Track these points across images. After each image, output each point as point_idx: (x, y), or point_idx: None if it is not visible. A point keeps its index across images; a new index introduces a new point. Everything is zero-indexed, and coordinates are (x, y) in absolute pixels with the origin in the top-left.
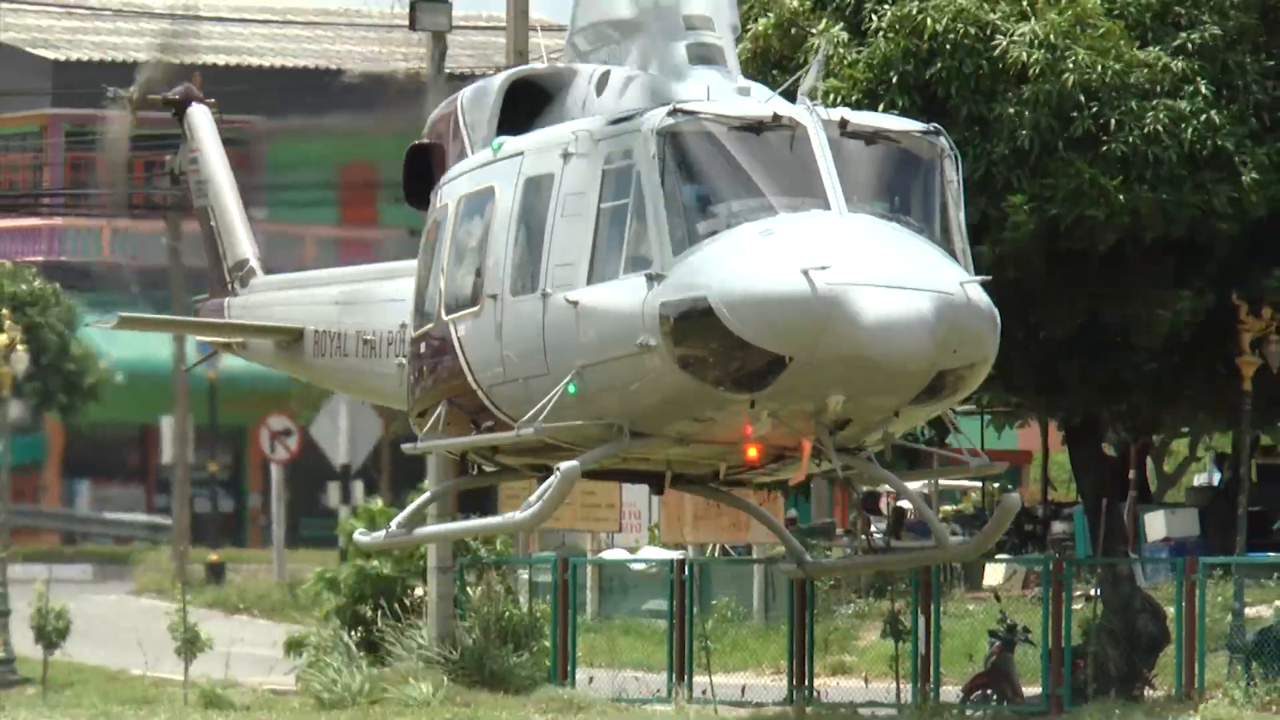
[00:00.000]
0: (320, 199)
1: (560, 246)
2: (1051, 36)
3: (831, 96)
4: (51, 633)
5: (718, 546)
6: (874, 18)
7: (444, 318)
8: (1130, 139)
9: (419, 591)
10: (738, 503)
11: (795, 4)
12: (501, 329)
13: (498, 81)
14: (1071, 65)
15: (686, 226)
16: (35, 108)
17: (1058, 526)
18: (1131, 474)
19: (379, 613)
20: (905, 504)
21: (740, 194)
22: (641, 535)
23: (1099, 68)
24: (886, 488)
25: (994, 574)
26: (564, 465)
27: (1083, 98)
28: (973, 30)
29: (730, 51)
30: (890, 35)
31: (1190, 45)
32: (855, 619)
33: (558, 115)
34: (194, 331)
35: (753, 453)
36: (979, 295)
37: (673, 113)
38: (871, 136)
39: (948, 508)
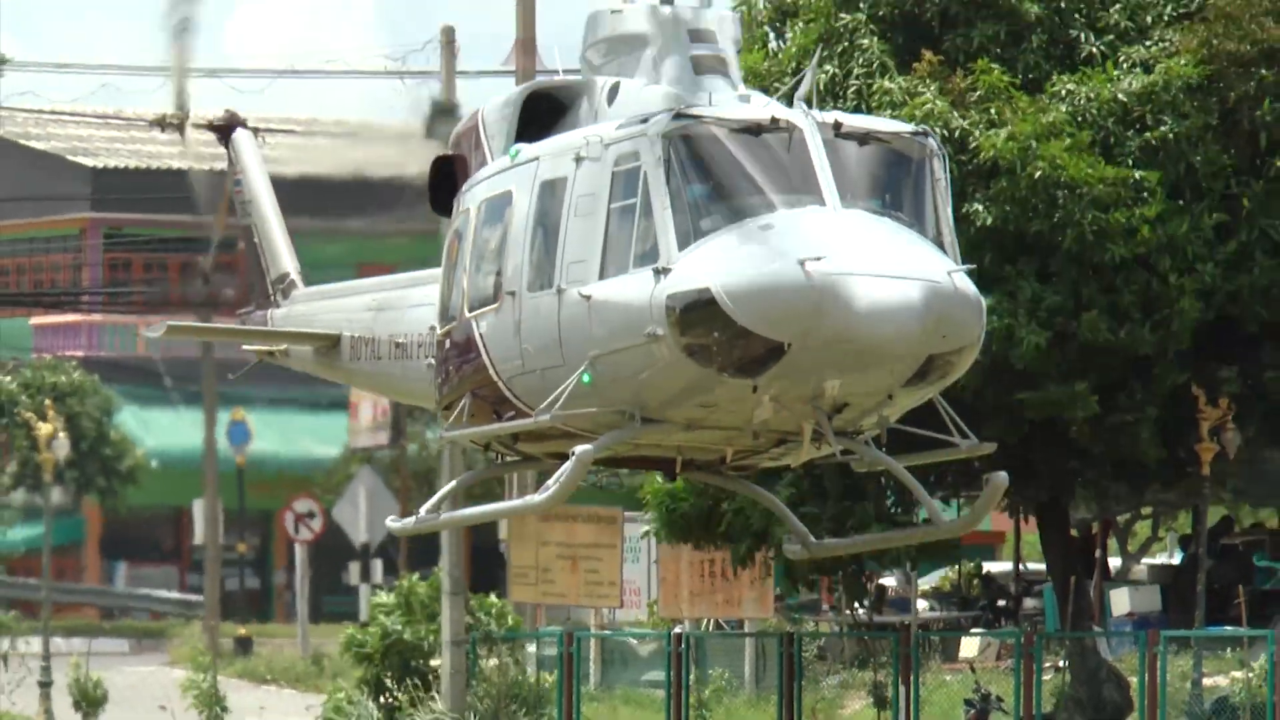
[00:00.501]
0: None
1: (574, 245)
2: (1021, 138)
3: None
4: (89, 701)
5: (712, 621)
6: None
7: (466, 315)
8: (1086, 239)
9: (434, 662)
10: (744, 487)
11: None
12: (520, 324)
13: (516, 94)
14: (1041, 163)
15: (690, 223)
16: (75, 212)
17: (1029, 602)
18: (1097, 553)
19: (398, 683)
20: (887, 581)
21: (741, 192)
22: (641, 611)
23: (1067, 169)
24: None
25: (969, 647)
26: (578, 449)
27: (1052, 197)
28: (943, 133)
29: (733, 63)
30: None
31: (1152, 143)
32: (840, 689)
33: (572, 125)
34: (239, 339)
35: (757, 436)
36: (965, 284)
37: (676, 117)
38: (864, 137)
39: (925, 585)
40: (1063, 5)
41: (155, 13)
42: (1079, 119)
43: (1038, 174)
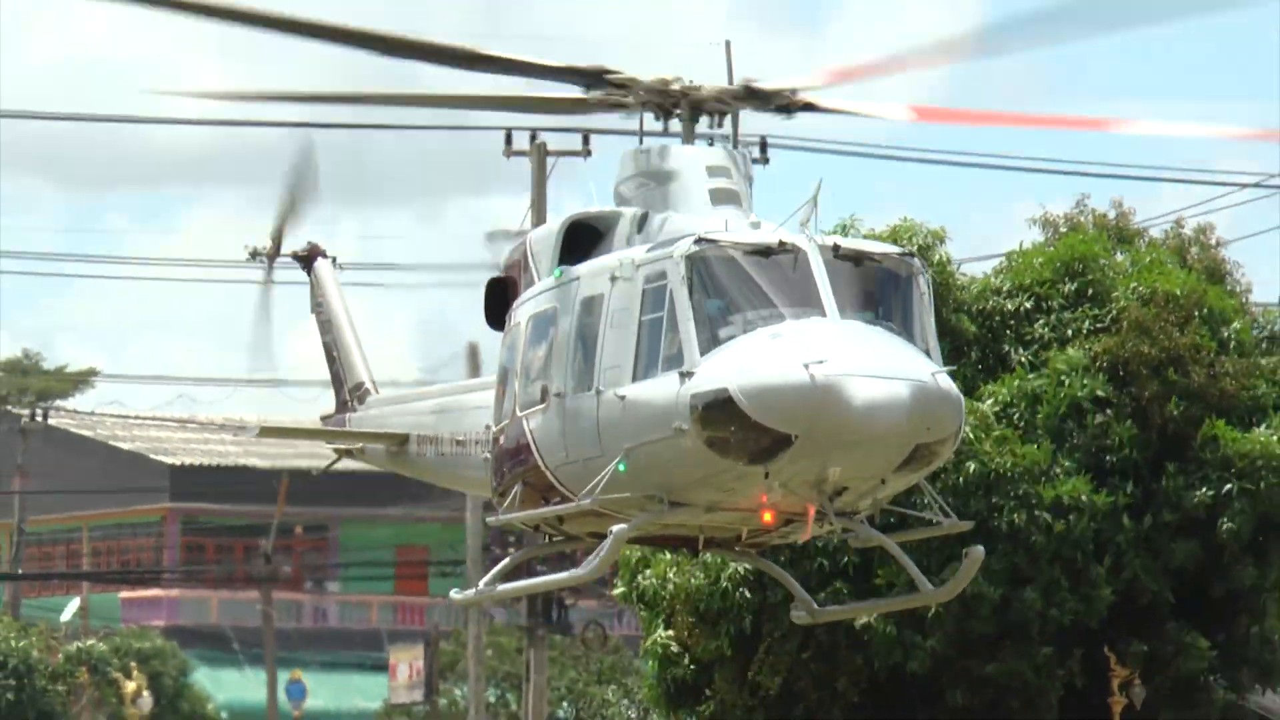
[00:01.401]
0: (381, 574)
1: (610, 352)
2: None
3: None
4: None
5: None
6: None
7: (518, 415)
8: (1015, 523)
9: None
10: (756, 560)
11: None
12: (564, 421)
13: (559, 224)
14: (975, 457)
15: (710, 332)
16: (156, 502)
17: None
18: None
19: None
20: None
21: (753, 305)
22: None
23: (995, 460)
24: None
25: None
26: (615, 528)
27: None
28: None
29: (745, 194)
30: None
31: (1073, 434)
32: None
33: (606, 249)
34: (324, 439)
35: (768, 517)
36: (947, 383)
37: (697, 241)
38: (858, 258)
39: None
40: (995, 322)
41: (221, 334)
42: (1008, 415)
43: (973, 468)
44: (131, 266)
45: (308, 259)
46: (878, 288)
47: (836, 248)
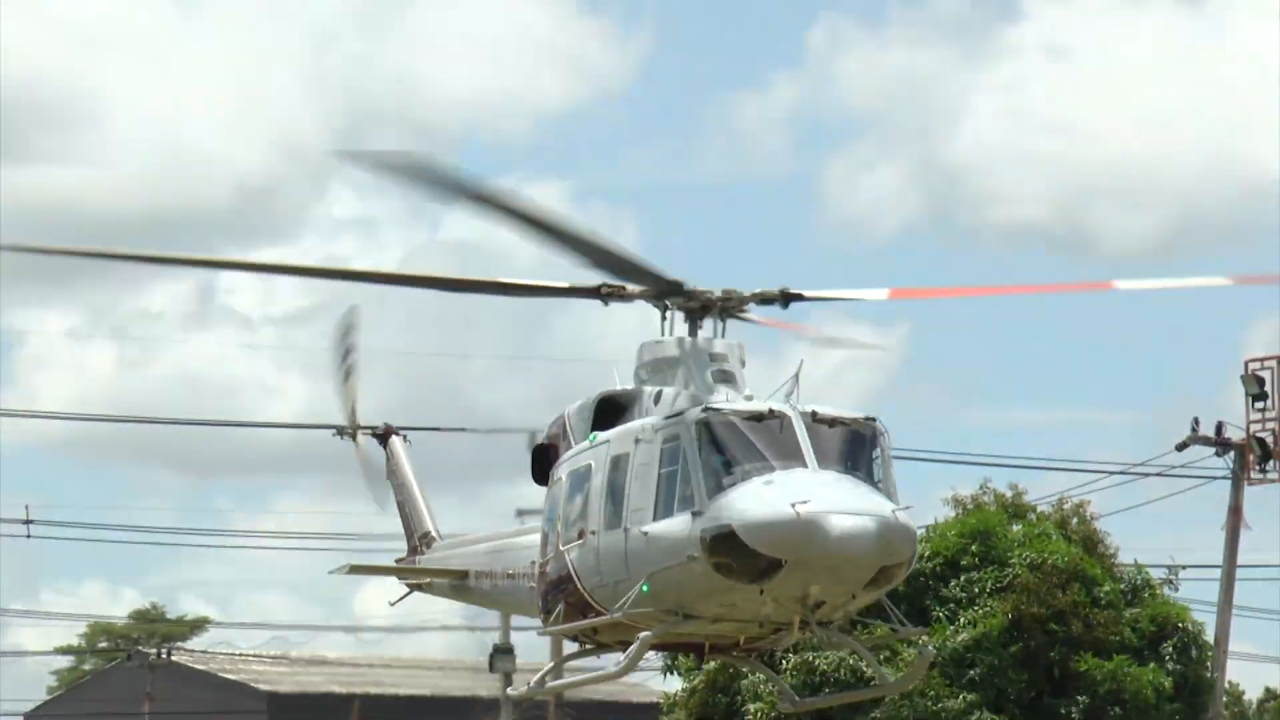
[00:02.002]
0: None
1: (635, 498)
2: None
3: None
4: None
5: None
6: (784, 661)
7: (561, 549)
8: None
9: None
10: (749, 662)
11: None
12: (598, 552)
13: (591, 400)
14: (911, 703)
15: (715, 480)
16: None
17: None
18: None
19: None
20: None
21: (749, 459)
22: None
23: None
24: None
25: None
26: (641, 634)
27: None
28: (850, 675)
29: (738, 374)
30: (794, 672)
31: (976, 678)
32: None
33: (629, 419)
34: (400, 575)
35: (759, 630)
36: (905, 519)
37: (705, 410)
38: (831, 422)
39: None
40: (918, 581)
41: (308, 589)
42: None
43: (907, 714)
44: (235, 538)
45: (384, 436)
46: (847, 445)
47: (814, 414)
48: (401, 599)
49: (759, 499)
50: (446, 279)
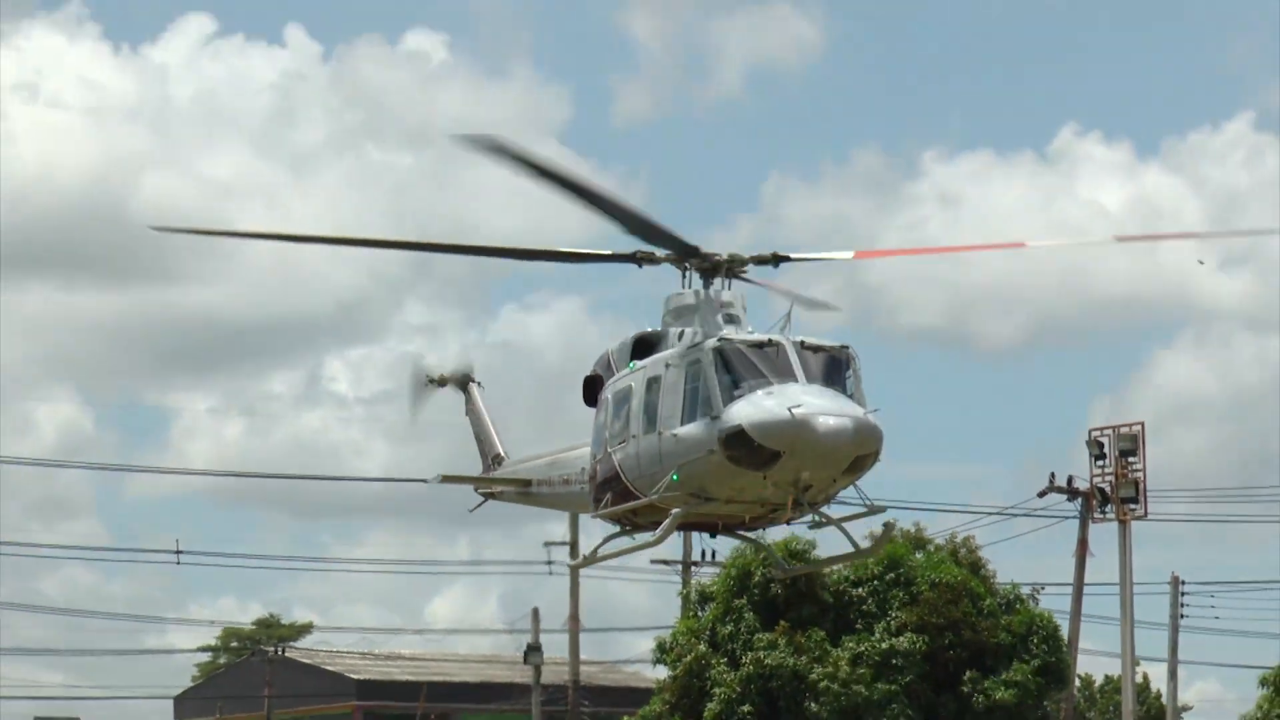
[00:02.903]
0: None
1: (666, 409)
2: (836, 673)
3: None
4: None
5: None
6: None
7: (609, 451)
8: None
9: None
10: (751, 537)
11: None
12: (638, 451)
13: (630, 338)
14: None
15: (728, 393)
16: (348, 702)
17: None
18: None
19: None
20: None
21: (753, 377)
22: None
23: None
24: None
25: None
26: (672, 512)
27: None
28: (782, 672)
29: (742, 317)
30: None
31: (895, 688)
32: None
33: (659, 350)
34: (482, 485)
35: (760, 508)
36: (874, 419)
37: (719, 340)
38: (815, 349)
39: None
40: (844, 600)
41: (392, 603)
42: (862, 661)
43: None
44: (333, 564)
45: (463, 382)
46: (828, 365)
47: (803, 343)
48: (478, 506)
49: (762, 406)
50: (515, 250)
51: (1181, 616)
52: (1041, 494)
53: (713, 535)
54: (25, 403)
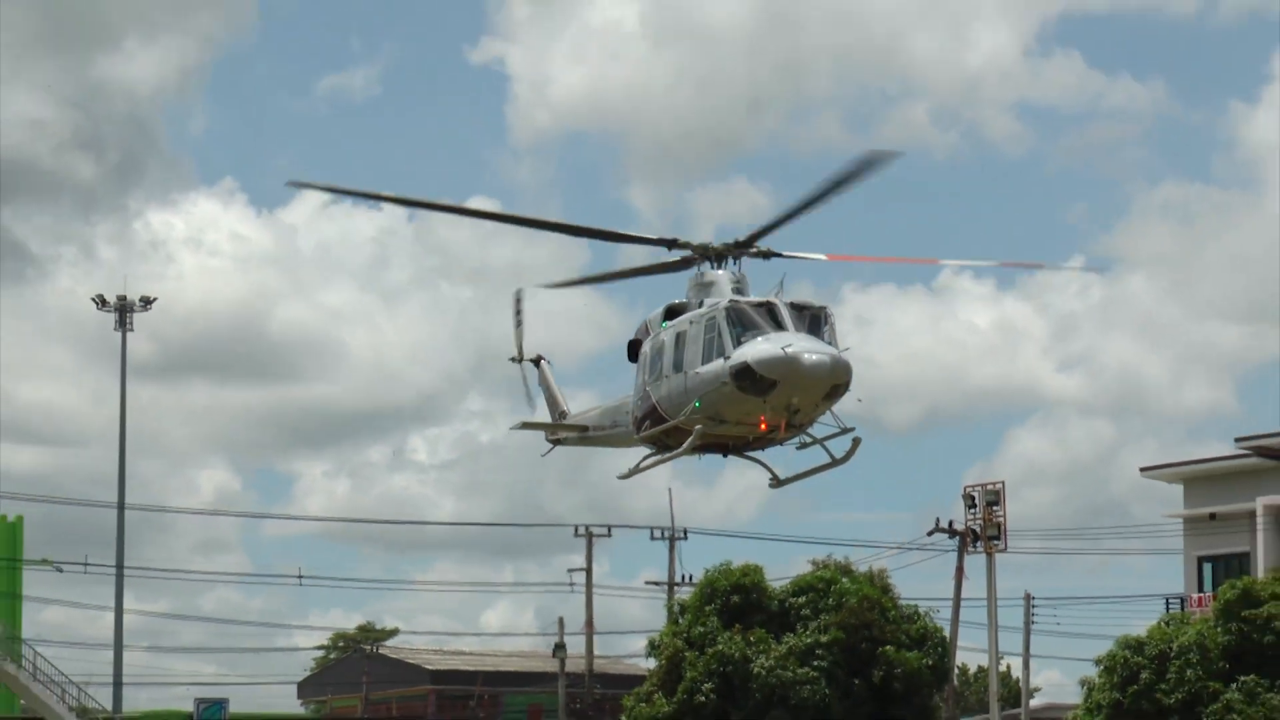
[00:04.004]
0: None
1: (689, 354)
2: (776, 659)
3: None
4: None
5: None
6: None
7: (647, 389)
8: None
9: None
10: (755, 456)
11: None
12: (670, 386)
13: (663, 308)
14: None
15: (736, 340)
16: (424, 686)
17: None
18: None
19: None
20: None
21: (754, 327)
22: None
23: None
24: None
25: None
26: (695, 429)
27: None
28: (733, 665)
29: (747, 289)
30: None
31: (819, 697)
32: None
33: (685, 312)
34: (552, 430)
35: (763, 427)
36: (846, 358)
37: (729, 301)
38: (802, 308)
39: None
40: (788, 610)
41: (457, 616)
42: (792, 652)
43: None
44: (413, 586)
45: (536, 361)
46: (811, 319)
47: (792, 303)
48: (548, 452)
49: (761, 347)
50: (568, 225)
51: (1032, 623)
52: (930, 534)
53: (724, 455)
54: (191, 469)
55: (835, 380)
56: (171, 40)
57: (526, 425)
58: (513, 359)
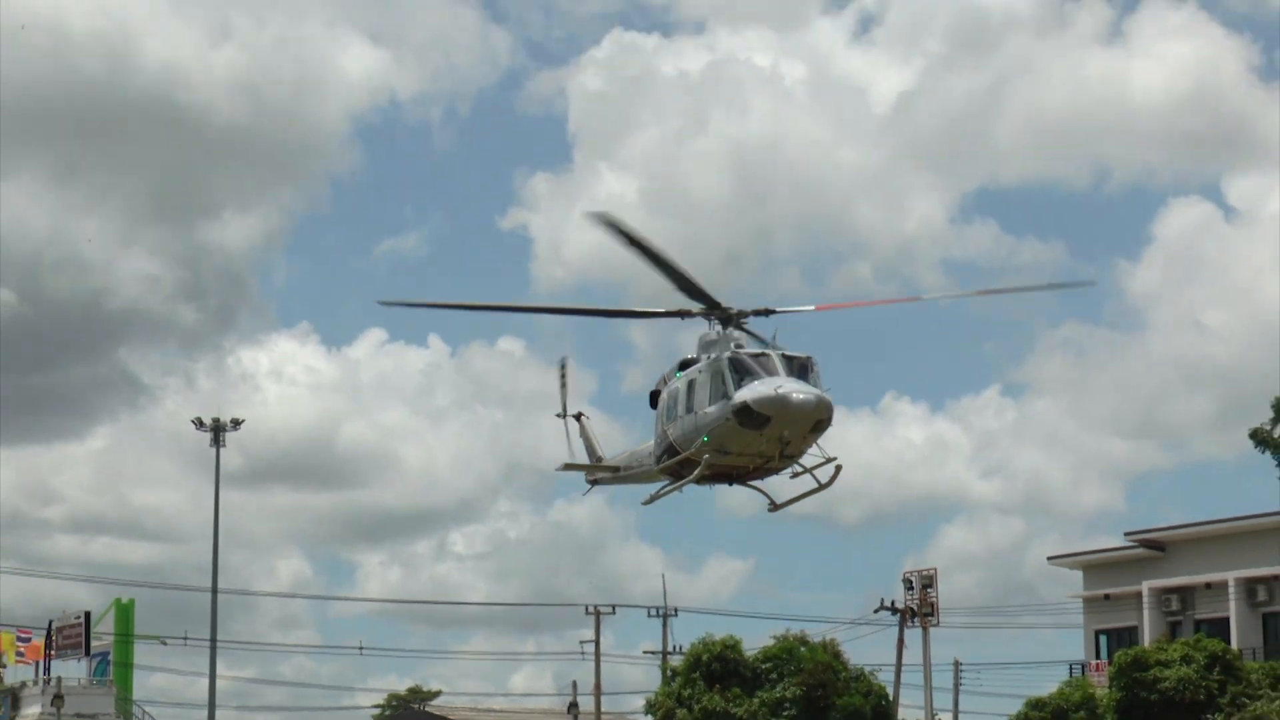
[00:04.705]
0: None
1: (699, 397)
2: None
3: None
4: None
5: None
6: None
7: (665, 428)
8: None
9: None
10: (755, 485)
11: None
12: (683, 424)
13: (677, 361)
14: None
15: (737, 383)
16: None
17: None
18: None
19: None
20: None
21: (752, 374)
22: None
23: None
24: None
25: None
26: (703, 459)
27: None
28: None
29: (748, 343)
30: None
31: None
32: None
33: (696, 364)
34: (592, 471)
35: (759, 460)
36: (828, 398)
37: (730, 353)
38: (792, 359)
39: None
40: (759, 675)
41: (495, 679)
42: (763, 705)
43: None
44: (455, 655)
45: (577, 416)
46: (799, 367)
47: (783, 354)
48: (588, 491)
49: (757, 389)
50: (595, 309)
51: (961, 685)
52: (876, 611)
53: (729, 484)
54: (271, 559)
55: (819, 416)
56: (260, 210)
57: (570, 467)
58: (558, 415)
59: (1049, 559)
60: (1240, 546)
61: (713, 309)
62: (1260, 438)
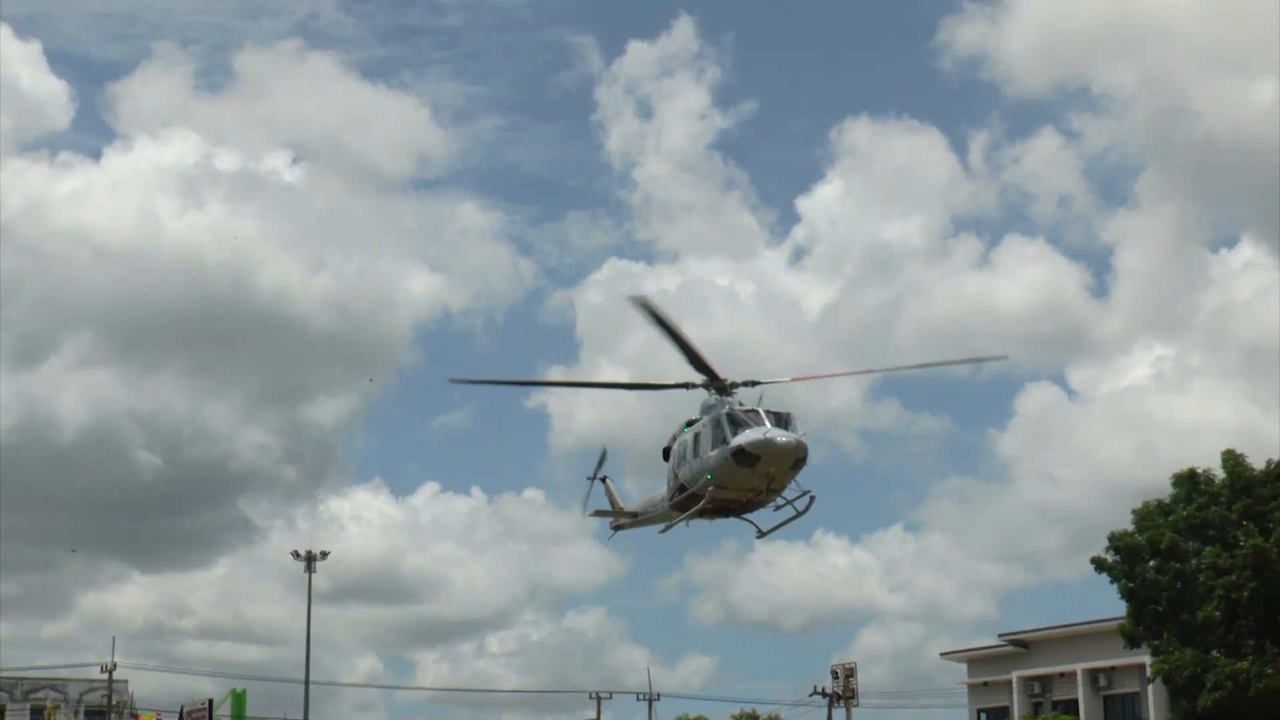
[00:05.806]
0: None
1: (703, 445)
2: None
3: None
4: None
5: None
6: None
7: (676, 472)
8: None
9: None
10: (750, 517)
11: None
12: (691, 468)
13: (685, 422)
14: None
15: (733, 432)
16: None
17: None
18: None
19: None
20: None
21: (744, 425)
22: None
23: None
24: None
25: None
26: (707, 493)
27: None
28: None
29: (738, 405)
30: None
31: None
32: None
33: (698, 424)
34: (616, 517)
35: (751, 494)
36: (806, 441)
37: (727, 410)
38: (777, 414)
39: None
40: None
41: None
42: None
43: None
44: (480, 690)
45: (604, 479)
46: (782, 419)
47: (769, 410)
48: (612, 536)
49: (750, 434)
50: (616, 383)
51: None
52: (810, 695)
53: (726, 516)
54: (351, 659)
55: (798, 454)
56: (345, 395)
57: (598, 513)
58: (589, 478)
59: (941, 654)
60: (1086, 644)
61: (713, 380)
62: (1099, 563)
